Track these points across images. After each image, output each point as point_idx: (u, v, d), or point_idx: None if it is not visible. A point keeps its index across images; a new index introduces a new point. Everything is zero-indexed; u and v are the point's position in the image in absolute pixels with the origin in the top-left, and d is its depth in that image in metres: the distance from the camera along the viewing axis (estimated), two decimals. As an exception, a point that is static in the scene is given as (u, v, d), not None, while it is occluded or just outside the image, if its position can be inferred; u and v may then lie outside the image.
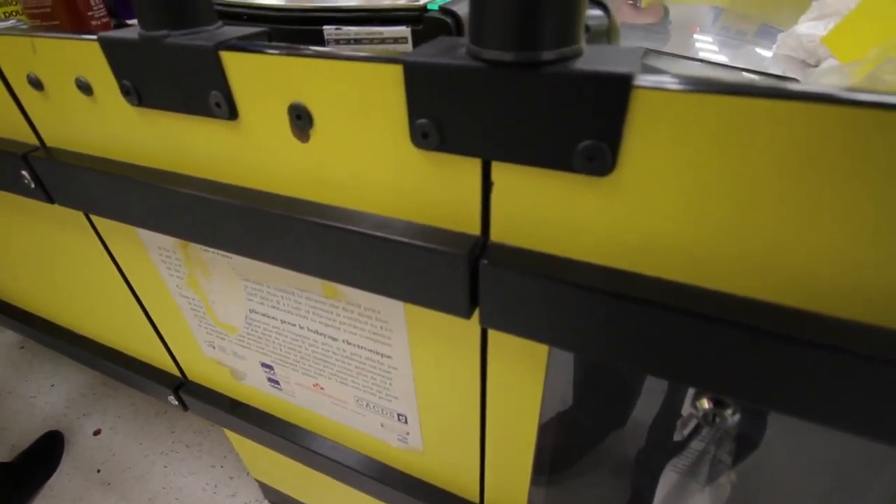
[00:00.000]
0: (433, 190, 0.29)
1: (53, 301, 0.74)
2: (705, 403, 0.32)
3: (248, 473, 1.07)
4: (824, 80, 0.40)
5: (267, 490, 0.96)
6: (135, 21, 0.67)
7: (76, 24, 0.54)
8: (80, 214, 0.50)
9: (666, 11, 0.79)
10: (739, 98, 0.19)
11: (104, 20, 0.57)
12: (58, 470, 1.09)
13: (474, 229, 0.29)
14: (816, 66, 0.48)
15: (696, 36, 0.75)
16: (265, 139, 0.32)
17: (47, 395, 1.28)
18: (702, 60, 0.57)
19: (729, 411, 0.31)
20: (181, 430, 1.19)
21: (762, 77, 0.49)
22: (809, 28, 0.49)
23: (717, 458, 0.42)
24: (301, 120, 0.30)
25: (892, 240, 0.20)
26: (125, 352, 0.70)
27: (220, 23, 0.33)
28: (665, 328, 0.24)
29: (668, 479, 0.43)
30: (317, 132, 0.30)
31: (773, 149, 0.20)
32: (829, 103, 0.18)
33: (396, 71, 0.25)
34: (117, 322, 0.65)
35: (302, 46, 0.28)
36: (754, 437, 0.42)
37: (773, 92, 0.19)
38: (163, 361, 0.66)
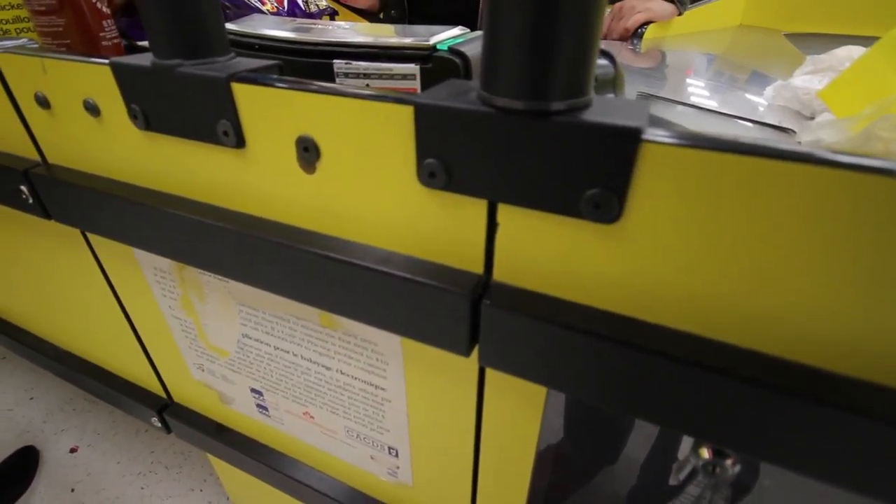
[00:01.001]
0: (437, 227, 0.29)
1: (39, 314, 0.72)
2: (705, 453, 0.31)
3: (227, 499, 1.03)
4: (820, 132, 0.41)
5: (246, 518, 0.93)
6: (145, 42, 0.68)
7: (88, 44, 0.55)
8: (77, 232, 0.50)
9: (664, 57, 0.82)
10: (744, 157, 0.20)
11: (115, 41, 0.57)
12: (30, 488, 1.05)
13: (477, 268, 0.29)
14: (811, 118, 0.49)
15: (688, 80, 0.77)
16: (271, 168, 0.32)
17: (25, 407, 1.24)
18: (697, 107, 0.58)
19: (729, 462, 0.31)
20: (161, 450, 1.15)
21: (759, 126, 0.51)
22: (804, 81, 0.51)
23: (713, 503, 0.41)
24: (308, 152, 0.30)
25: (885, 300, 0.20)
26: (110, 370, 0.69)
27: (232, 53, 0.33)
28: (664, 376, 0.24)
29: (662, 525, 0.42)
30: (323, 165, 0.30)
31: (776, 206, 0.20)
32: (831, 167, 0.19)
33: (407, 111, 0.25)
34: (105, 340, 0.64)
35: (313, 81, 0.28)
36: (747, 483, 0.41)
37: (777, 153, 0.19)
38: (149, 382, 0.65)
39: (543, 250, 0.26)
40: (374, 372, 0.40)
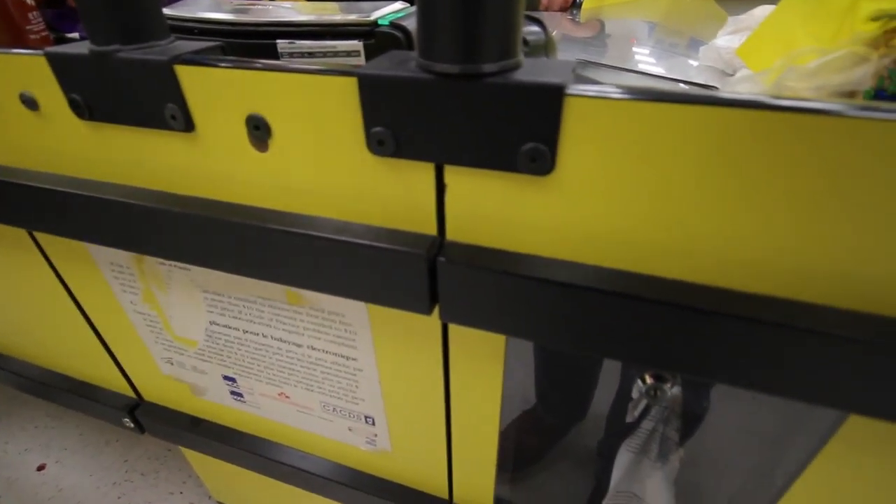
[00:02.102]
0: (390, 194, 0.30)
1: (-9, 327, 0.69)
2: (647, 380, 0.35)
3: (209, 497, 1.03)
4: (739, 87, 0.45)
5: (231, 512, 0.94)
6: (75, 34, 0.65)
7: (13, 38, 0.52)
8: (24, 234, 0.49)
9: (602, 25, 0.85)
10: (652, 104, 0.22)
11: (43, 34, 0.55)
12: (-2, 511, 1.02)
13: (431, 230, 0.31)
14: (733, 74, 0.53)
15: (634, 48, 0.80)
16: (223, 150, 0.33)
17: (-18, 431, 1.19)
18: (636, 72, 0.61)
19: (667, 385, 0.34)
20: (135, 457, 1.13)
21: (690, 86, 0.54)
22: (726, 41, 0.55)
23: (665, 436, 0.45)
24: (259, 130, 0.30)
25: (783, 221, 0.23)
26: (73, 376, 0.67)
27: (172, 37, 0.33)
28: (604, 311, 0.27)
29: (623, 458, 0.46)
30: (275, 142, 0.31)
31: (683, 147, 0.23)
32: (714, 105, 0.21)
33: (351, 83, 0.26)
34: (64, 345, 0.62)
35: (258, 60, 0.29)
36: (697, 413, 0.45)
37: (679, 97, 0.22)
38: (116, 383, 0.64)
39: (489, 207, 0.28)
40: (343, 343, 0.41)
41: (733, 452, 0.45)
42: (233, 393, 0.54)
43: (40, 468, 1.10)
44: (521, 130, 0.25)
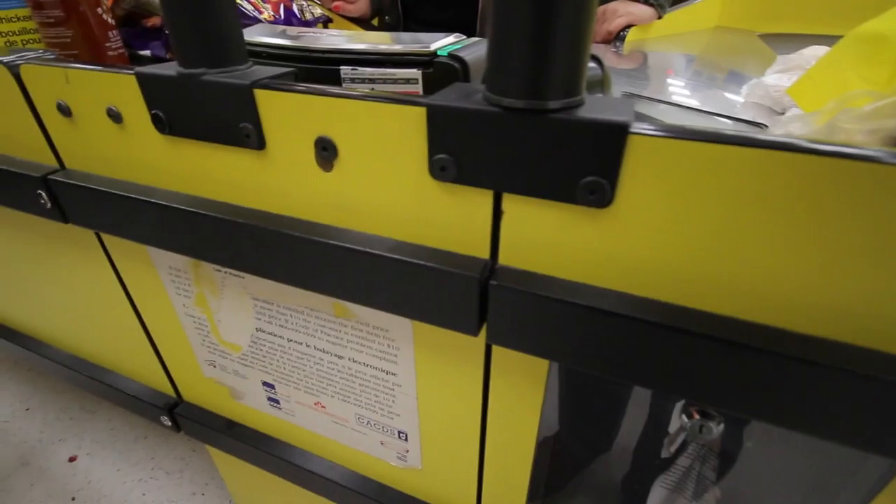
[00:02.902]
0: (447, 217, 0.32)
1: (47, 319, 0.73)
2: (694, 415, 0.34)
3: (230, 501, 1.04)
4: (790, 126, 0.45)
5: (251, 517, 0.95)
6: (147, 52, 0.70)
7: (94, 54, 0.57)
8: (92, 236, 0.52)
9: (645, 58, 0.86)
10: (713, 145, 0.23)
11: (120, 51, 0.60)
12: (30, 498, 1.05)
13: (484, 253, 0.32)
14: (782, 113, 0.53)
15: (669, 80, 0.81)
16: (290, 168, 0.35)
17: (21, 419, 1.24)
18: (678, 105, 0.62)
19: (714, 422, 0.34)
20: (161, 456, 1.16)
21: (735, 121, 0.54)
22: (775, 79, 0.55)
23: (701, 475, 0.44)
24: (326, 151, 0.32)
25: (846, 268, 0.23)
26: (118, 371, 0.70)
27: (250, 62, 0.36)
28: (655, 343, 0.27)
29: (656, 494, 0.45)
30: (340, 163, 0.33)
31: (740, 188, 0.23)
32: (786, 151, 0.22)
33: (420, 112, 0.28)
34: (114, 341, 0.66)
35: (330, 87, 0.31)
36: (732, 452, 0.44)
37: (742, 140, 0.23)
38: (158, 381, 0.66)
39: (544, 235, 0.29)
40: (385, 358, 0.43)
41: (773, 497, 0.44)
42: (270, 399, 0.56)
43: (72, 459, 1.14)
44: (581, 164, 0.26)
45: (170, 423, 0.66)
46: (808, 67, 0.53)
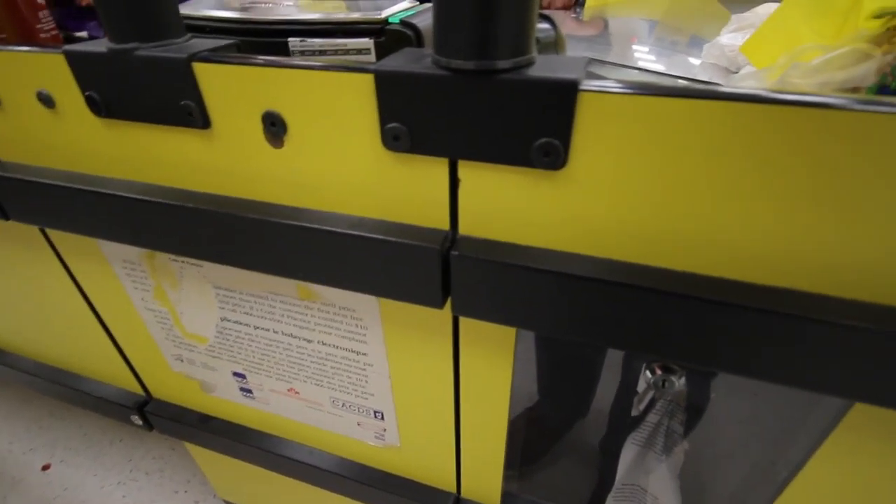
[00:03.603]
0: (404, 189, 0.31)
1: (1, 326, 0.70)
2: (656, 371, 0.35)
3: (214, 496, 1.03)
4: (743, 84, 0.45)
5: (236, 509, 0.94)
6: (84, 33, 0.66)
7: (24, 36, 0.53)
8: (35, 230, 0.49)
9: (606, 24, 0.85)
10: (664, 99, 0.23)
11: (53, 32, 0.56)
12: (3, 510, 1.02)
13: (444, 224, 0.31)
14: (736, 72, 0.54)
15: (634, 46, 0.81)
16: (238, 146, 0.33)
17: (-13, 431, 1.19)
18: (640, 69, 0.62)
19: (676, 376, 0.35)
20: (139, 457, 1.13)
21: (693, 83, 0.55)
22: (730, 39, 0.55)
23: (670, 429, 0.46)
24: (275, 127, 0.31)
25: (798, 215, 0.24)
26: (82, 374, 0.68)
27: (188, 35, 0.34)
28: (615, 303, 0.27)
29: (628, 451, 0.47)
30: (291, 138, 0.32)
31: (692, 141, 0.23)
32: (731, 101, 0.22)
33: (368, 80, 0.27)
34: (74, 342, 0.63)
35: (275, 57, 0.29)
36: (699, 405, 0.46)
37: (688, 93, 0.22)
38: (125, 380, 0.64)
39: (502, 201, 0.29)
40: (354, 338, 0.42)
41: (736, 444, 0.46)
42: (242, 389, 0.55)
43: (45, 468, 1.11)
44: (534, 126, 0.25)
45: (141, 422, 0.64)
46: (760, 24, 0.53)
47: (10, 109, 0.39)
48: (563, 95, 0.24)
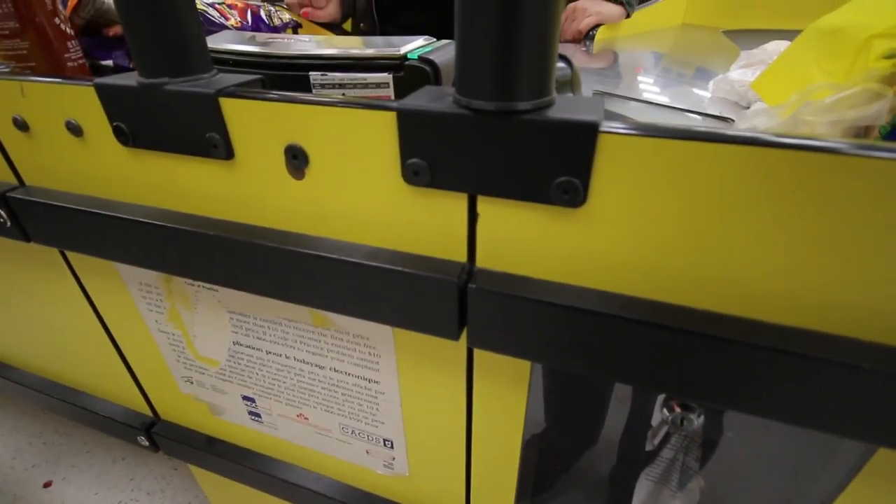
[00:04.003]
0: (422, 222, 0.31)
1: (13, 342, 0.70)
2: (675, 409, 0.35)
3: (215, 518, 1.02)
4: (755, 120, 0.46)
5: (238, 534, 0.92)
6: (109, 62, 0.68)
7: (53, 65, 0.55)
8: (55, 252, 0.50)
9: (616, 56, 0.87)
10: (682, 142, 0.23)
11: (80, 62, 0.58)
12: (3, 529, 1.01)
13: (461, 257, 0.32)
14: (747, 107, 0.54)
15: (639, 77, 0.82)
16: (260, 177, 0.34)
17: (-10, 446, 1.19)
18: (648, 102, 0.63)
19: (694, 415, 0.34)
20: (141, 476, 1.13)
21: (703, 117, 0.55)
22: (740, 74, 0.56)
23: (685, 465, 0.45)
24: (297, 159, 0.32)
25: (814, 257, 0.24)
26: (91, 393, 0.68)
27: (215, 70, 0.35)
28: (634, 340, 0.27)
29: (643, 487, 0.46)
30: (312, 170, 0.32)
31: (710, 182, 0.24)
32: (752, 145, 0.22)
33: (390, 117, 0.28)
34: (85, 362, 0.63)
35: (299, 94, 0.30)
36: (713, 440, 0.45)
37: (709, 136, 0.23)
38: (133, 401, 0.64)
39: (521, 236, 0.29)
40: (367, 366, 0.42)
41: (755, 484, 0.45)
42: (251, 413, 0.55)
43: (47, 485, 1.10)
44: (554, 165, 0.26)
45: (147, 444, 0.64)
46: (771, 62, 0.54)
47: (39, 136, 0.40)
48: (584, 136, 0.24)
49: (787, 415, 0.26)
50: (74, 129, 0.38)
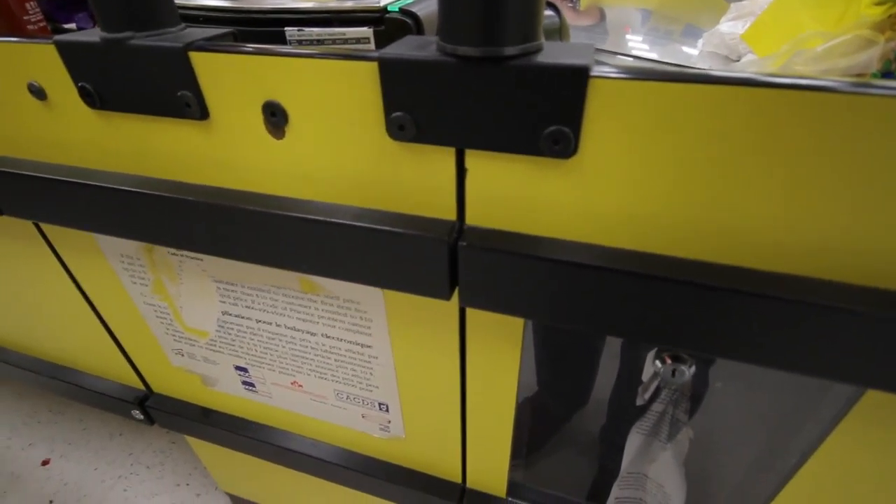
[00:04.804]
0: (409, 179, 0.30)
1: (-4, 322, 0.69)
2: (666, 360, 0.35)
3: (216, 488, 1.04)
4: (746, 72, 0.45)
5: (237, 502, 0.94)
6: (72, 25, 0.64)
7: (11, 29, 0.52)
8: (29, 225, 0.48)
9: (603, 13, 0.84)
10: (676, 84, 0.22)
11: (41, 24, 0.54)
12: (3, 506, 1.02)
13: (450, 215, 0.31)
14: (737, 60, 0.53)
15: (628, 36, 0.80)
16: (238, 137, 0.33)
17: (-16, 428, 1.18)
18: (636, 57, 0.61)
19: (686, 365, 0.35)
20: (140, 450, 1.13)
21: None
22: (729, 27, 0.55)
23: (675, 418, 0.46)
24: (275, 117, 0.30)
25: (809, 201, 0.24)
26: (82, 369, 0.67)
27: (183, 24, 0.33)
28: (629, 293, 0.27)
29: (634, 440, 0.47)
30: (292, 129, 0.31)
31: (706, 128, 0.23)
32: (746, 86, 0.22)
33: (371, 67, 0.26)
34: (73, 338, 0.62)
35: (275, 46, 0.29)
36: (699, 392, 0.46)
37: (703, 78, 0.22)
38: (125, 375, 0.64)
39: (511, 190, 0.29)
40: (358, 331, 0.42)
41: (743, 432, 0.46)
42: (245, 383, 0.55)
43: (45, 463, 1.10)
44: (543, 113, 0.25)
45: (142, 417, 0.64)
46: (761, 13, 0.53)
47: (1, 102, 0.38)
48: (574, 82, 0.23)
49: (780, 361, 0.26)
50: (37, 93, 0.35)
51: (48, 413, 1.21)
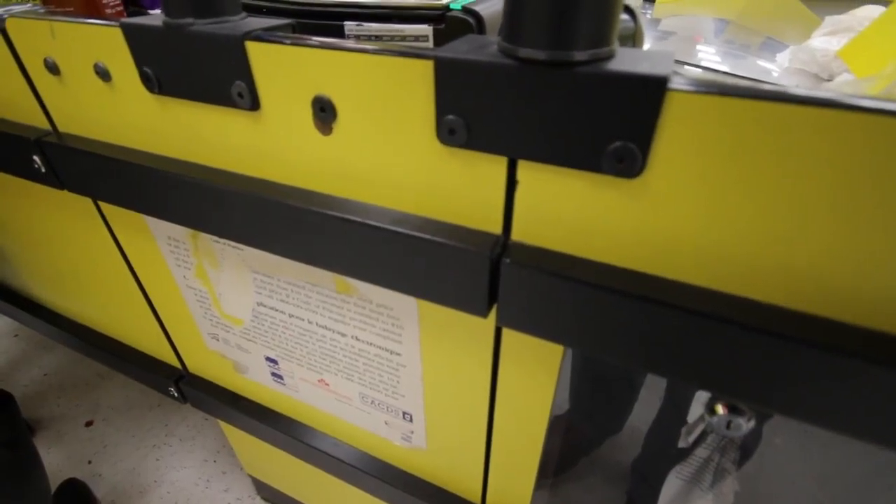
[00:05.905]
0: (456, 187, 0.29)
1: (54, 288, 0.73)
2: (720, 410, 0.32)
3: (241, 469, 1.06)
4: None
5: (260, 486, 0.96)
6: (157, 11, 0.67)
7: (91, 11, 0.54)
8: (89, 201, 0.50)
9: (676, 21, 0.80)
10: (774, 104, 0.19)
11: (118, 8, 0.57)
12: (48, 462, 1.08)
13: (496, 228, 0.29)
14: (829, 80, 0.48)
15: (698, 47, 0.75)
16: (286, 131, 0.32)
17: (39, 384, 1.26)
18: (705, 68, 0.57)
19: (744, 419, 0.31)
20: (174, 423, 1.18)
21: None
22: (823, 43, 0.50)
23: (720, 467, 0.42)
24: (324, 112, 0.29)
25: (920, 250, 0.20)
26: (126, 342, 0.70)
27: (244, 14, 0.33)
28: (684, 331, 0.24)
29: (672, 485, 0.43)
30: (340, 125, 0.30)
31: (804, 155, 0.20)
32: (857, 111, 0.18)
33: (427, 66, 0.25)
34: (120, 312, 0.65)
35: (329, 39, 0.28)
36: (750, 446, 0.42)
37: (809, 100, 0.19)
38: (164, 353, 0.66)
39: (563, 208, 0.26)
40: (389, 337, 0.40)
41: (797, 490, 0.41)
42: (273, 374, 0.55)
43: (88, 424, 1.17)
44: (610, 127, 0.22)
45: (177, 395, 0.66)
46: (862, 29, 0.47)
47: (69, 81, 0.39)
48: (649, 94, 0.21)
49: (859, 428, 0.23)
50: (103, 74, 0.36)
51: (97, 378, 1.28)
